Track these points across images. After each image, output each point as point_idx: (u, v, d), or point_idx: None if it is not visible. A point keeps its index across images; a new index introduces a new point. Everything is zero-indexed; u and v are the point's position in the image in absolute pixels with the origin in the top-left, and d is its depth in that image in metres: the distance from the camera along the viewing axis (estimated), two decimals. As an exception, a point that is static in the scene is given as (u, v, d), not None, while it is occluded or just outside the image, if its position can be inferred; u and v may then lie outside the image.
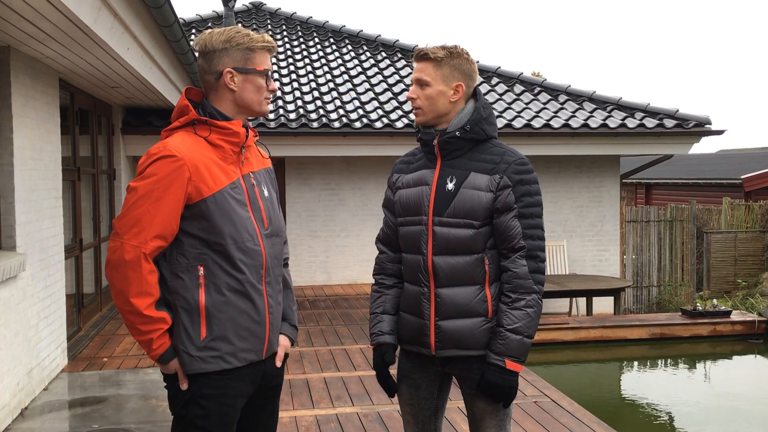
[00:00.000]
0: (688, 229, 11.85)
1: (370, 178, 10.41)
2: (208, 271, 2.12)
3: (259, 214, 2.24)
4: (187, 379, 2.15)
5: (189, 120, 2.18)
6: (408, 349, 2.51)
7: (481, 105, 2.42)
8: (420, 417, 2.53)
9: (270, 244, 2.26)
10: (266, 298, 2.23)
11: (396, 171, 2.56)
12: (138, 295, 2.05)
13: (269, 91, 2.25)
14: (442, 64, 2.37)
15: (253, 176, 2.28)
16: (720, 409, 6.92)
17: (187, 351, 2.12)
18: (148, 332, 2.09)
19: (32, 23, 3.98)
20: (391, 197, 2.55)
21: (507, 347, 2.30)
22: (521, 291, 2.32)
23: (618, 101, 10.73)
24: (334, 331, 7.34)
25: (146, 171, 2.08)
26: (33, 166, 5.18)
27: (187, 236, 2.13)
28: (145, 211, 2.05)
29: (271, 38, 2.25)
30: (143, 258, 2.05)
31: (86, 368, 5.87)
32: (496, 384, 2.31)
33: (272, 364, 2.32)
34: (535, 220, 2.34)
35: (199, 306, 2.12)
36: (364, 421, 4.66)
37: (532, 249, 2.32)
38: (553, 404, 5.05)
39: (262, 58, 2.21)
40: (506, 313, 2.32)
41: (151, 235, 2.05)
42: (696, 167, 20.85)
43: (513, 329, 2.30)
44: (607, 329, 8.81)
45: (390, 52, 12.53)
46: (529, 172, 2.36)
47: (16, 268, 4.60)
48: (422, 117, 2.43)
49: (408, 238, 2.44)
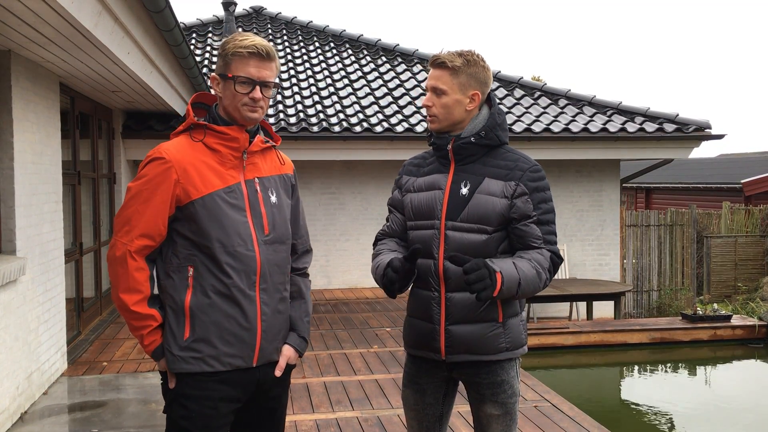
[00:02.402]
0: (688, 234, 11.85)
1: (371, 183, 10.41)
2: (197, 272, 2.15)
3: (260, 220, 2.22)
4: (174, 378, 2.18)
5: (189, 124, 2.22)
6: (415, 354, 2.49)
7: (496, 111, 2.42)
8: (424, 423, 2.52)
9: (270, 250, 2.23)
10: (259, 305, 2.20)
11: (405, 172, 2.54)
12: (126, 291, 2.12)
13: (250, 98, 2.17)
14: (459, 73, 2.36)
15: (259, 182, 2.25)
16: (720, 414, 6.91)
17: (170, 350, 2.16)
18: (139, 328, 2.16)
19: (33, 27, 3.99)
20: (399, 197, 2.53)
21: (505, 269, 2.22)
22: (537, 261, 2.30)
23: (618, 105, 10.74)
24: (334, 336, 7.33)
25: (140, 172, 2.16)
26: (33, 170, 5.18)
27: (179, 237, 2.16)
28: (134, 211, 2.12)
29: (263, 42, 2.19)
30: (129, 255, 2.11)
31: (86, 372, 5.87)
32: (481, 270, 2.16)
33: (268, 372, 2.27)
34: (551, 226, 2.38)
35: (184, 306, 2.14)
36: (364, 426, 4.65)
37: (551, 251, 2.35)
38: (553, 408, 5.04)
39: (239, 65, 2.16)
40: (518, 257, 2.30)
41: (137, 233, 2.12)
42: (696, 171, 20.85)
43: (518, 267, 2.25)
44: (607, 333, 8.80)
45: (390, 56, 12.55)
46: (543, 179, 2.38)
47: (16, 272, 4.60)
48: (437, 125, 2.41)
49: (419, 241, 2.42)
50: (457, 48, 2.45)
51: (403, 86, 11.18)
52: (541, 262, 2.31)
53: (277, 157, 2.37)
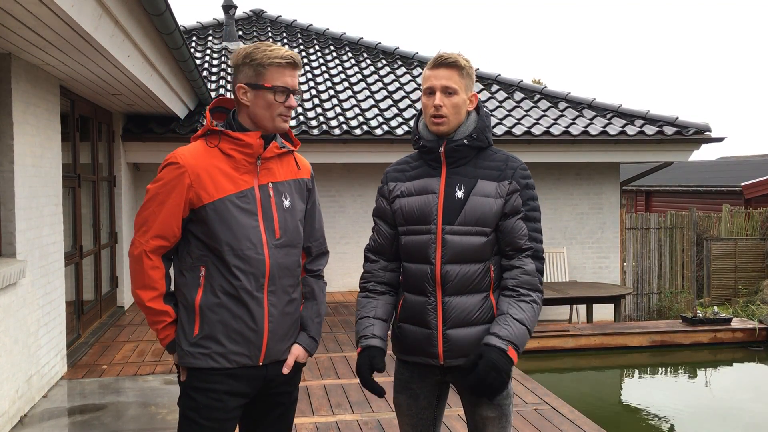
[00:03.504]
0: (688, 236, 11.84)
1: (370, 185, 10.42)
2: (208, 272, 2.23)
3: (271, 224, 2.28)
4: (186, 371, 2.27)
5: (206, 129, 2.29)
6: (408, 359, 2.47)
7: (484, 113, 2.45)
8: (419, 427, 2.51)
9: (281, 254, 2.28)
10: (266, 307, 2.25)
11: (390, 179, 2.49)
12: (142, 288, 2.24)
13: (286, 107, 2.26)
14: (464, 73, 2.37)
15: (273, 186, 2.31)
16: (720, 417, 6.90)
17: (180, 345, 2.26)
18: (154, 323, 2.27)
19: (33, 31, 4.00)
20: (385, 206, 2.49)
21: (512, 333, 2.26)
22: (528, 287, 2.32)
23: (618, 108, 10.75)
24: (334, 338, 7.33)
25: (158, 175, 2.26)
26: (33, 172, 5.19)
27: (193, 238, 2.25)
28: (151, 212, 2.23)
29: (294, 53, 2.26)
30: (144, 254, 2.22)
31: (86, 375, 5.86)
32: (496, 366, 2.21)
33: (276, 370, 2.33)
34: (537, 224, 2.38)
35: (194, 304, 2.23)
36: (364, 429, 4.65)
37: (537, 250, 2.36)
38: (553, 411, 5.04)
39: (276, 74, 2.22)
40: (513, 304, 2.30)
41: (152, 234, 2.22)
42: (696, 174, 20.86)
43: (519, 319, 2.28)
44: (607, 336, 8.80)
45: (390, 59, 12.56)
46: (531, 177, 2.42)
47: (16, 275, 4.60)
48: (447, 126, 2.37)
49: (413, 247, 2.40)
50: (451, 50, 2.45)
51: (403, 89, 11.18)
52: (533, 285, 2.34)
53: (295, 162, 2.42)
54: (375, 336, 2.43)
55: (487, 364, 2.22)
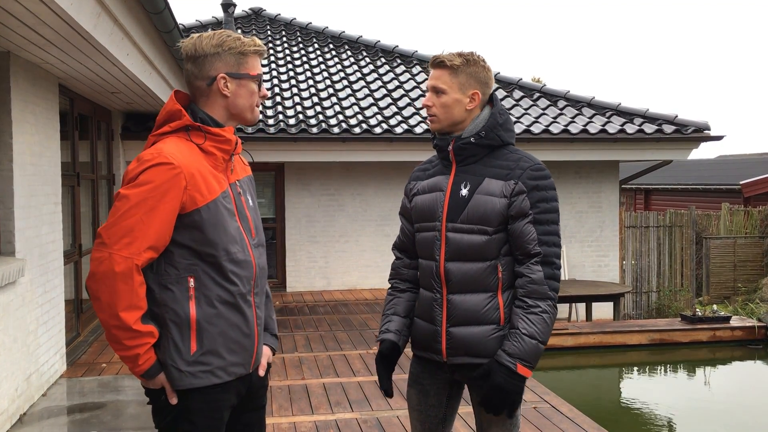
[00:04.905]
0: (687, 235, 11.85)
1: (370, 184, 10.42)
2: (199, 282, 2.04)
3: (247, 224, 2.18)
4: (175, 394, 2.06)
5: (182, 125, 2.06)
6: (420, 354, 2.51)
7: (497, 111, 2.42)
8: (427, 424, 2.52)
9: (258, 254, 2.20)
10: (254, 310, 2.18)
11: (413, 179, 2.56)
12: (128, 309, 1.94)
13: (261, 96, 2.18)
14: (459, 72, 2.37)
15: (239, 185, 2.20)
16: (719, 415, 6.91)
17: (176, 366, 2.03)
18: (135, 347, 1.97)
19: (32, 29, 3.99)
20: (407, 205, 2.56)
21: (521, 350, 2.25)
22: (536, 297, 2.28)
23: (617, 107, 10.75)
24: (333, 337, 7.33)
25: (140, 178, 1.96)
26: (32, 171, 5.18)
27: (177, 246, 2.03)
28: (138, 221, 1.94)
29: (261, 42, 2.18)
30: (135, 270, 1.94)
31: (85, 374, 5.86)
32: (503, 388, 2.24)
33: (254, 375, 2.26)
34: (551, 227, 2.32)
35: (189, 319, 2.02)
36: (364, 427, 4.65)
37: (548, 255, 2.29)
38: (552, 410, 5.04)
39: (254, 63, 2.14)
40: (522, 317, 2.28)
41: (144, 246, 1.94)
42: (695, 173, 20.87)
43: (529, 333, 2.26)
44: (606, 335, 8.80)
45: (389, 57, 12.55)
46: (545, 178, 2.33)
47: (15, 273, 4.60)
48: (437, 124, 2.42)
49: (422, 244, 2.45)
50: (457, 49, 2.46)
51: (402, 87, 11.18)
52: (541, 294, 2.28)
53: (241, 159, 2.34)
54: (389, 331, 2.50)
55: (494, 386, 2.26)
